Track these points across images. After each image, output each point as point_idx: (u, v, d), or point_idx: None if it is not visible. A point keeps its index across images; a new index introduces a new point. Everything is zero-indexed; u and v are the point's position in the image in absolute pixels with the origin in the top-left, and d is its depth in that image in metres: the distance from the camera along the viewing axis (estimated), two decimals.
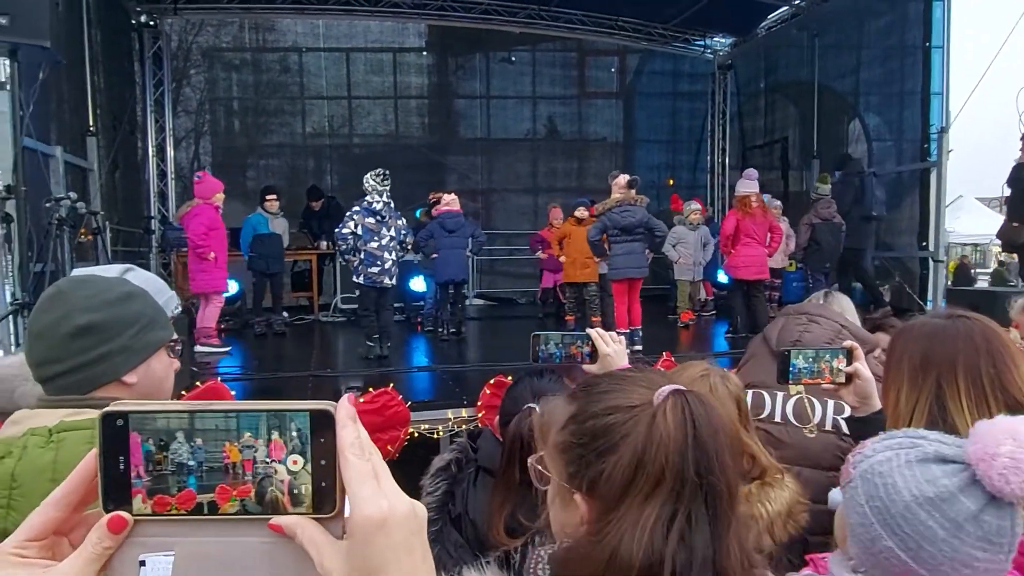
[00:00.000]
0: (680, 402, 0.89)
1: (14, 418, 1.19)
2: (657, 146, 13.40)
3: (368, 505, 0.45)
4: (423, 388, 5.00)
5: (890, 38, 9.44)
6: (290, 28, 11.47)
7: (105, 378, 1.19)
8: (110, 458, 0.46)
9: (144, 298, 1.29)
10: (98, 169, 7.83)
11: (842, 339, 2.49)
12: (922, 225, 9.00)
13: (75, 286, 1.21)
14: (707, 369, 1.64)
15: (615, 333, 2.11)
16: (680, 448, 0.85)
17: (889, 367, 1.60)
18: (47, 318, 1.18)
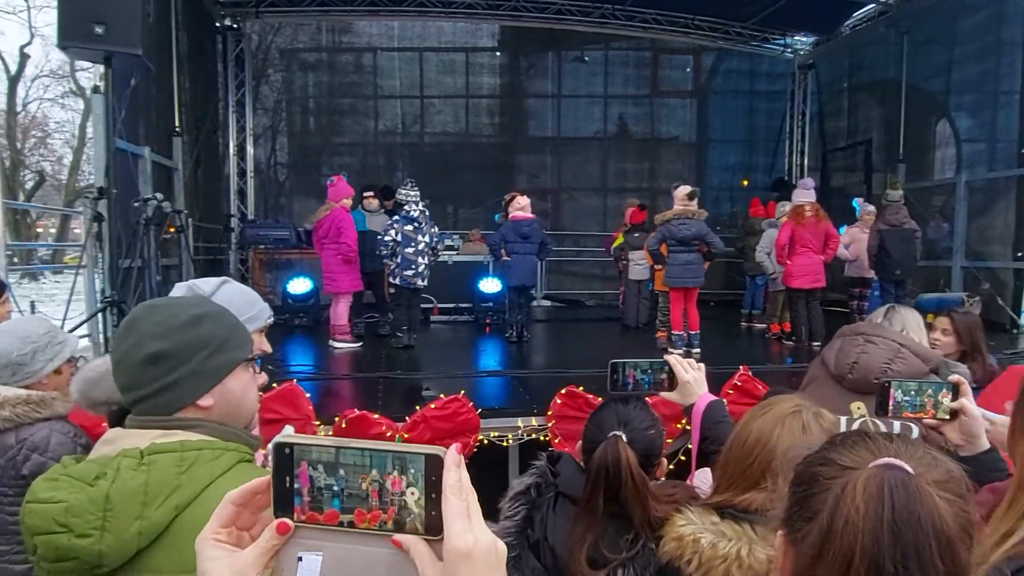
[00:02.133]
0: (880, 478, 0.79)
1: (107, 437, 1.21)
2: (732, 146, 13.03)
3: (458, 538, 0.58)
4: (492, 394, 4.97)
5: (987, 35, 8.89)
6: (365, 30, 11.69)
7: (180, 402, 1.20)
8: (280, 477, 0.61)
9: (218, 319, 1.29)
10: (182, 168, 8.13)
11: (901, 358, 2.49)
12: (1018, 234, 8.47)
13: (147, 313, 1.23)
14: (799, 405, 1.54)
15: (693, 360, 2.03)
16: (873, 531, 0.76)
17: (1021, 415, 1.45)
18: (122, 347, 1.20)
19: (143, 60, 5.13)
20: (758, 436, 1.49)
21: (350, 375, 5.42)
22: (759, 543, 1.39)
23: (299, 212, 11.27)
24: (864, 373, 2.45)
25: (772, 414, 1.52)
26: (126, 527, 1.05)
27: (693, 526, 1.48)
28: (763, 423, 1.51)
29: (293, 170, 11.95)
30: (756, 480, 1.48)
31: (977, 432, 1.67)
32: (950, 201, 9.59)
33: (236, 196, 10.88)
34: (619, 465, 1.69)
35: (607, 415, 1.86)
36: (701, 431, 1.96)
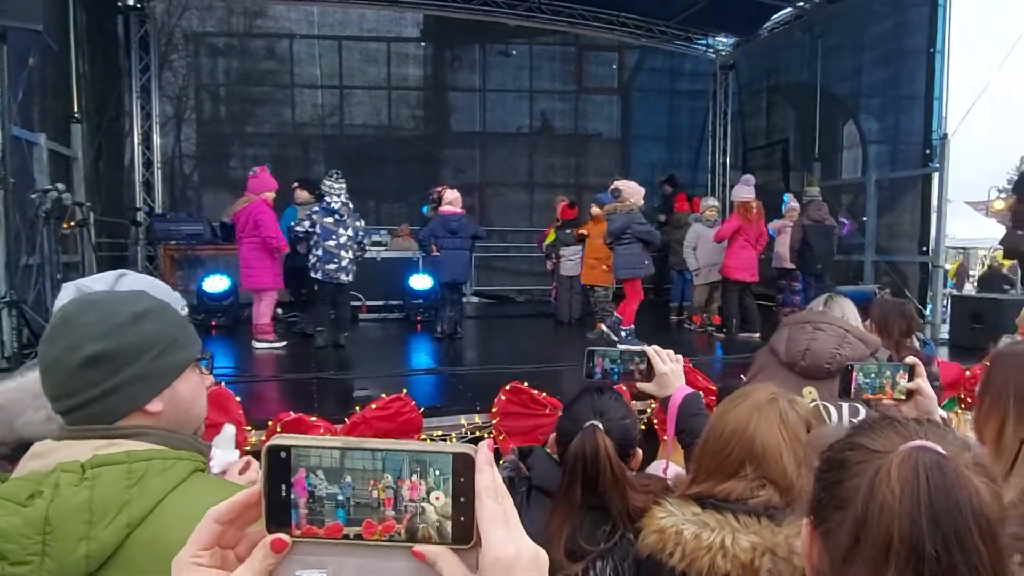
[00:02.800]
0: (915, 460, 0.74)
1: (37, 450, 1.06)
2: (656, 144, 13.27)
3: (499, 547, 0.51)
4: (432, 392, 4.79)
5: (893, 42, 9.38)
6: (282, 14, 11.17)
7: (124, 408, 1.08)
8: (273, 485, 0.52)
9: (161, 315, 1.15)
10: (82, 158, 7.53)
11: (848, 343, 2.63)
12: (923, 230, 8.97)
13: (81, 311, 1.08)
14: (774, 393, 1.53)
15: (672, 352, 1.99)
16: (911, 514, 0.71)
17: (988, 394, 1.51)
18: (53, 351, 1.07)
19: (43, 37, 4.68)
20: (735, 426, 1.47)
21: (279, 376, 5.11)
22: (743, 531, 1.38)
23: (210, 205, 10.69)
24: (815, 359, 2.57)
25: (748, 403, 1.51)
26: (71, 551, 0.93)
27: (674, 518, 1.45)
28: (739, 412, 1.49)
29: (202, 161, 11.28)
30: (735, 469, 1.46)
31: (932, 410, 1.76)
32: (858, 199, 10.09)
33: (142, 188, 10.18)
34: (597, 455, 1.66)
35: (582, 406, 1.80)
36: (677, 423, 1.93)
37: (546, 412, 4.13)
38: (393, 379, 5.01)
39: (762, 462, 1.41)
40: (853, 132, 10.39)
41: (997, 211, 32.29)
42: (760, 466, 1.41)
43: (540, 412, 4.12)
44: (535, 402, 4.11)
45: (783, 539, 1.32)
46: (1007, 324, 5.97)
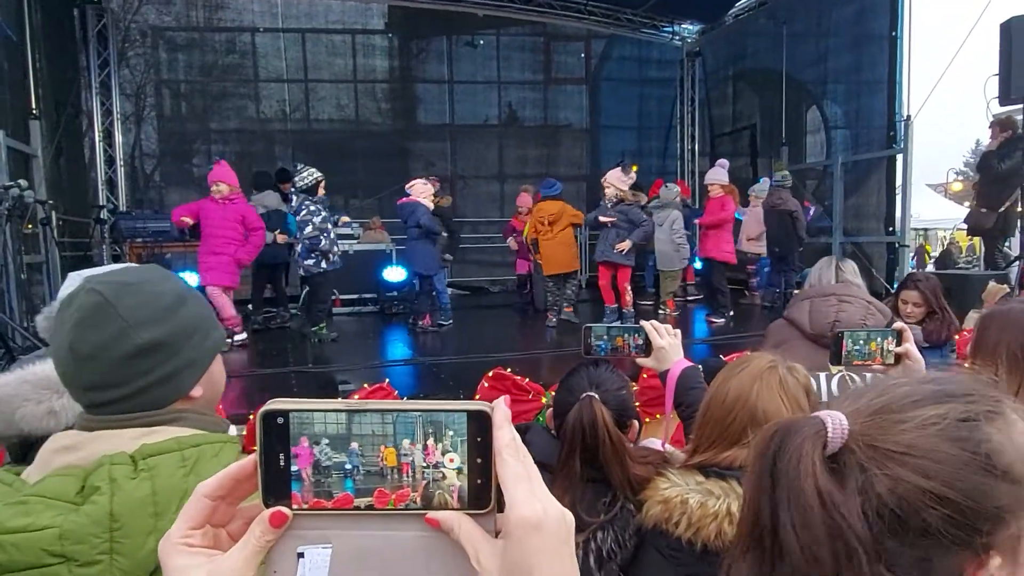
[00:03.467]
0: None
1: (64, 443, 1.00)
2: (625, 132, 13.32)
3: (524, 507, 0.47)
4: (414, 382, 4.78)
5: (856, 27, 9.54)
6: (245, 7, 10.93)
7: (173, 396, 1.04)
8: (271, 455, 0.48)
9: (195, 297, 1.11)
10: (42, 155, 7.31)
11: (871, 313, 2.73)
12: (888, 211, 9.17)
13: (120, 292, 1.00)
14: (773, 361, 1.56)
15: (670, 326, 2.00)
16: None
17: (981, 351, 1.54)
18: (97, 336, 0.98)
19: (2, 27, 4.51)
20: (737, 393, 1.49)
21: (256, 371, 5.03)
22: None
23: (175, 203, 10.35)
24: None
25: (749, 371, 1.53)
26: (140, 546, 0.90)
27: (678, 487, 1.47)
28: (741, 380, 1.51)
29: (164, 159, 11.00)
30: (738, 437, 1.48)
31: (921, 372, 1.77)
32: (824, 183, 10.27)
33: (104, 186, 9.92)
34: (595, 424, 1.67)
35: (578, 378, 1.82)
36: (676, 396, 1.95)
37: (529, 397, 4.14)
38: (374, 371, 5.00)
39: None
40: (817, 116, 10.56)
41: (955, 192, 33.14)
42: None
43: (524, 398, 4.13)
44: (518, 388, 4.11)
45: None
46: (974, 299, 6.14)
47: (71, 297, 1.03)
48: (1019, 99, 6.80)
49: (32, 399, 1.43)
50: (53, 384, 1.45)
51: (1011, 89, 6.66)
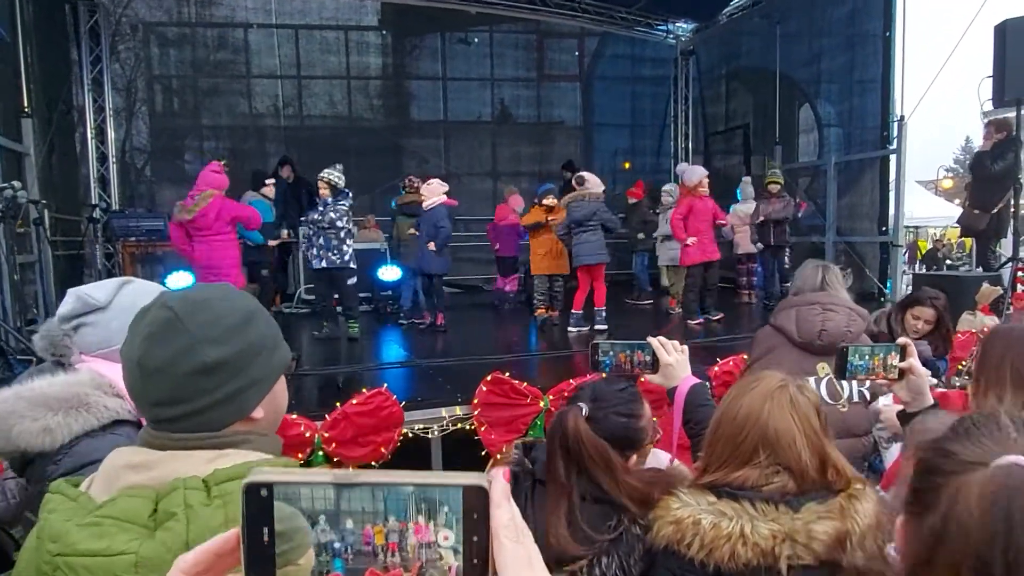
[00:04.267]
0: (1003, 480, 0.70)
1: (134, 461, 0.98)
2: (618, 130, 13.33)
3: None
4: (411, 385, 4.76)
5: (850, 27, 9.57)
6: (239, 3, 10.86)
7: (233, 417, 1.03)
8: (254, 529, 0.45)
9: (261, 314, 1.11)
10: (34, 154, 7.24)
11: (853, 320, 2.90)
12: (882, 210, 9.21)
13: (190, 309, 1.00)
14: (784, 379, 1.55)
15: (676, 343, 2.00)
16: (988, 541, 0.68)
17: (986, 369, 1.55)
18: (166, 352, 0.98)
19: None
20: (748, 412, 1.49)
21: None
22: (761, 519, 1.40)
23: (167, 200, 10.36)
24: (831, 338, 2.82)
25: (760, 390, 1.52)
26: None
27: (690, 508, 1.46)
28: (752, 399, 1.51)
29: (156, 155, 10.91)
30: (749, 456, 1.48)
31: (923, 389, 1.81)
32: (816, 181, 10.32)
33: (97, 183, 9.84)
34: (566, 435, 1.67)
35: (585, 388, 1.84)
36: (684, 414, 1.94)
37: (527, 402, 4.15)
38: (372, 373, 5.01)
39: (776, 448, 1.43)
40: (811, 116, 10.60)
41: (945, 189, 33.33)
42: (774, 452, 1.43)
43: (521, 402, 4.14)
44: (516, 392, 4.12)
45: (801, 525, 1.35)
46: (967, 301, 6.19)
47: (144, 312, 1.04)
48: (1013, 101, 6.85)
49: (28, 416, 1.45)
50: (49, 401, 1.48)
51: (1005, 91, 6.71)
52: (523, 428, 4.16)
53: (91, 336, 1.66)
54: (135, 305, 1.66)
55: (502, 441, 4.08)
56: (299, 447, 3.63)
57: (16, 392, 1.45)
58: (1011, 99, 6.79)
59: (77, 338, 1.69)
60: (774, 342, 3.05)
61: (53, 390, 1.48)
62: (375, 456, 3.82)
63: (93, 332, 1.66)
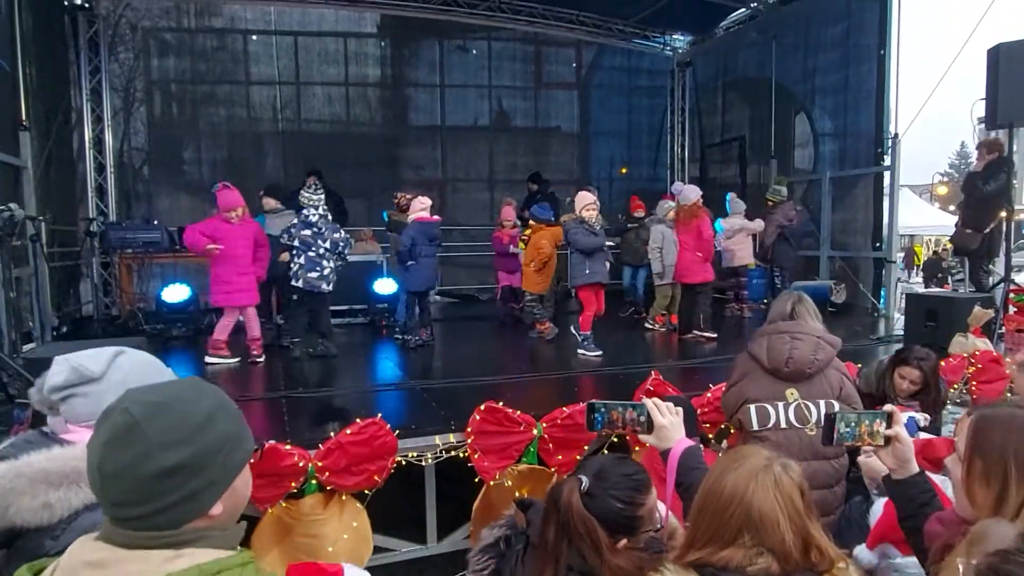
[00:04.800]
0: None
1: (94, 558, 1.03)
2: (615, 140, 13.41)
3: None
4: (405, 410, 4.78)
5: (846, 43, 9.63)
6: (238, 13, 10.91)
7: (193, 515, 1.07)
8: None
9: (225, 410, 1.14)
10: (31, 167, 7.25)
11: (821, 349, 3.06)
12: (875, 226, 9.27)
13: (151, 414, 1.04)
14: (769, 458, 1.56)
15: (671, 404, 2.03)
16: None
17: (980, 458, 1.54)
18: (123, 457, 1.02)
19: None
20: (733, 492, 1.50)
21: (248, 395, 5.02)
22: None
23: (165, 209, 10.45)
24: (797, 365, 3.01)
25: (745, 469, 1.53)
26: None
27: None
28: (737, 478, 1.51)
29: (154, 164, 10.91)
30: (733, 536, 1.49)
31: (908, 457, 1.85)
32: (811, 190, 10.38)
33: (94, 193, 9.85)
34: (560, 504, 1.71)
35: (592, 460, 1.87)
36: (677, 476, 1.96)
37: (520, 429, 4.17)
38: (364, 395, 5.05)
39: (760, 530, 1.44)
40: (806, 130, 10.65)
41: (940, 196, 33.34)
42: (758, 533, 1.44)
43: (515, 430, 4.16)
44: (510, 420, 4.14)
45: None
46: (959, 323, 6.22)
47: (106, 414, 1.07)
48: (1005, 124, 6.90)
49: (27, 493, 1.44)
50: (50, 477, 1.47)
51: (997, 114, 6.76)
52: (516, 455, 4.19)
53: (82, 407, 1.64)
54: (128, 377, 1.69)
55: (495, 468, 4.11)
56: (292, 476, 3.64)
57: (15, 469, 1.44)
58: (1003, 121, 6.84)
59: (66, 408, 1.67)
60: (748, 368, 3.19)
61: (53, 465, 1.47)
62: (368, 484, 3.83)
63: (84, 403, 1.64)
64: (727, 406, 3.27)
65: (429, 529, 4.27)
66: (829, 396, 3.05)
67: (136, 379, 1.71)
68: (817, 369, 3.06)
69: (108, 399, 1.61)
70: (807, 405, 3.00)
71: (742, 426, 3.11)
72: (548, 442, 4.21)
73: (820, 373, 3.07)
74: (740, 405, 3.11)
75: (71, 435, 1.64)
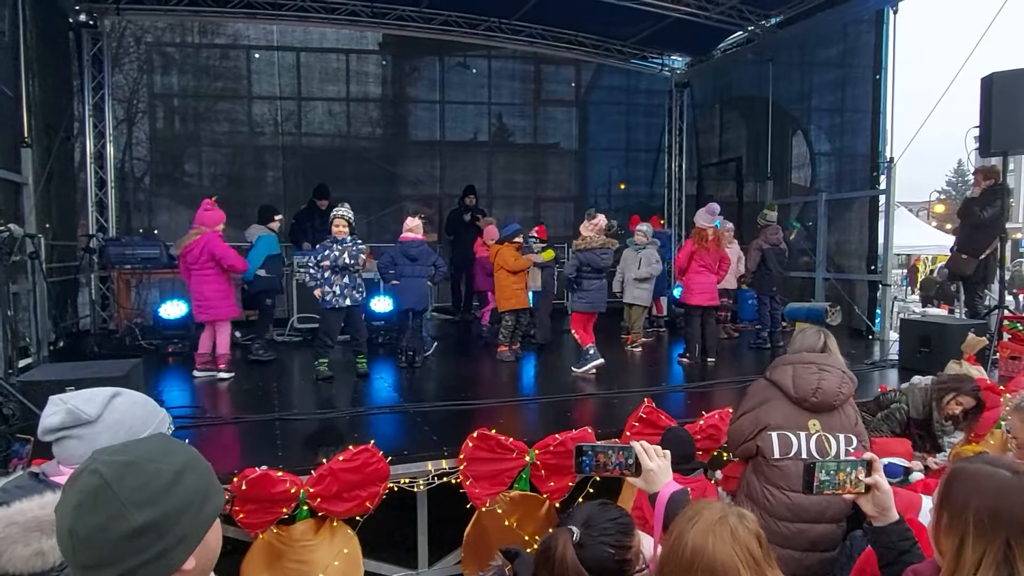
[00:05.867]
0: None
1: None
2: (613, 157, 13.52)
3: None
4: (397, 434, 4.78)
5: (841, 66, 9.71)
6: (241, 32, 11.02)
7: (164, 572, 1.06)
8: None
9: (196, 466, 1.14)
10: (32, 183, 7.29)
11: (846, 383, 3.06)
12: (871, 249, 9.31)
13: (119, 474, 1.04)
14: (723, 511, 1.59)
15: (659, 447, 2.04)
16: None
17: (946, 511, 1.58)
18: (94, 520, 1.01)
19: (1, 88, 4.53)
20: (693, 549, 1.52)
21: (241, 417, 5.03)
22: None
23: (165, 225, 10.53)
24: (825, 397, 3.02)
25: (701, 524, 1.55)
26: None
27: None
28: (695, 535, 1.54)
29: (156, 179, 10.99)
30: None
31: (888, 505, 1.88)
32: (807, 215, 10.43)
33: (95, 208, 9.90)
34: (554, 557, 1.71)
35: (580, 509, 1.87)
36: (664, 520, 1.97)
37: (513, 456, 4.19)
38: (359, 417, 5.07)
39: None
40: (803, 152, 10.73)
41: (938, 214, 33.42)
42: None
43: (507, 456, 4.18)
44: (502, 447, 4.16)
45: None
46: (953, 349, 6.25)
47: (75, 476, 1.06)
48: (999, 151, 6.95)
49: (20, 541, 1.44)
50: (43, 525, 1.46)
51: (991, 143, 6.81)
52: (508, 481, 4.20)
53: (76, 449, 1.67)
54: (123, 420, 1.72)
55: (487, 495, 4.13)
56: (284, 502, 3.66)
57: (7, 517, 1.44)
58: (997, 149, 6.89)
59: (59, 449, 1.70)
60: (768, 395, 3.15)
61: (45, 512, 1.47)
62: (360, 510, 3.85)
63: (78, 445, 1.67)
64: (739, 432, 3.18)
65: (420, 554, 4.27)
66: (848, 430, 3.04)
67: (131, 421, 1.75)
68: (841, 403, 3.07)
69: (103, 441, 1.65)
70: (827, 437, 3.00)
71: (758, 453, 3.05)
72: (540, 469, 4.23)
73: (841, 407, 3.08)
74: (758, 432, 3.07)
75: (62, 477, 1.65)
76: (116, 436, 1.67)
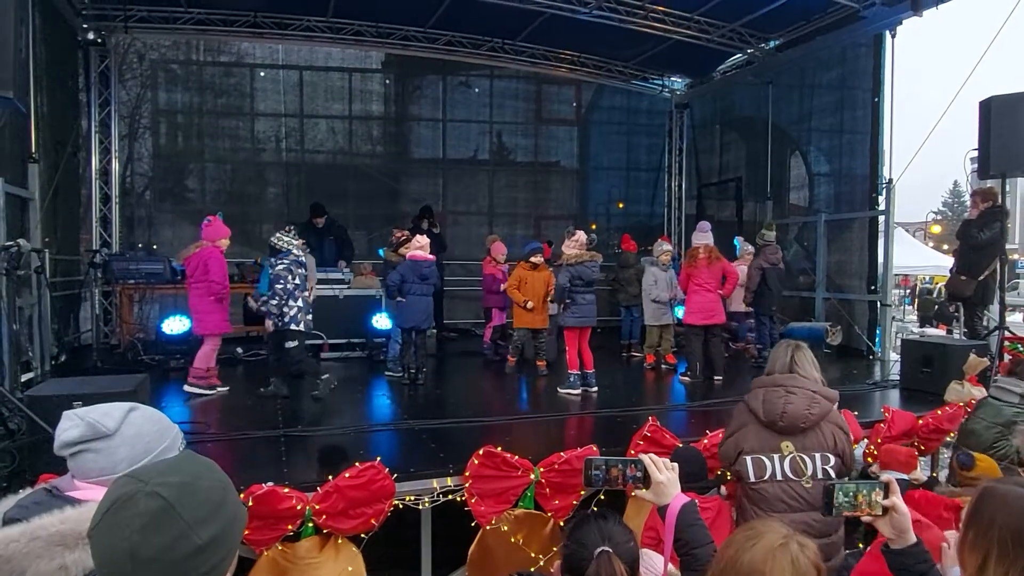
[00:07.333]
0: None
1: None
2: (614, 177, 13.62)
3: None
4: (402, 452, 4.78)
5: (840, 90, 9.82)
6: (247, 51, 11.15)
7: None
8: None
9: (229, 483, 1.18)
10: (38, 198, 7.33)
11: (816, 403, 3.09)
12: (871, 268, 9.35)
13: (179, 495, 1.06)
14: (786, 537, 1.53)
15: (667, 460, 2.06)
16: None
17: (973, 528, 1.58)
18: (159, 541, 1.03)
19: (13, 102, 4.58)
20: (751, 570, 1.48)
21: (246, 434, 5.03)
22: None
23: (168, 240, 10.54)
24: (792, 420, 3.06)
25: (761, 547, 1.51)
26: None
27: None
28: (753, 557, 1.49)
29: (159, 196, 11.04)
30: None
31: (906, 527, 1.85)
32: (806, 235, 10.49)
33: (99, 224, 9.94)
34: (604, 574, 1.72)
35: (589, 532, 1.86)
36: (676, 533, 1.97)
37: (518, 474, 4.19)
38: (363, 435, 5.06)
39: None
40: (802, 173, 10.81)
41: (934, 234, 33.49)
42: None
43: (512, 474, 4.18)
44: (508, 465, 4.16)
45: None
46: (955, 370, 6.27)
47: (128, 500, 1.06)
48: (998, 173, 7.02)
49: (43, 556, 1.43)
50: (65, 539, 1.45)
51: (990, 165, 6.88)
52: (513, 499, 4.20)
53: (94, 463, 1.66)
54: (140, 434, 1.73)
55: (492, 512, 4.12)
56: (290, 519, 3.65)
57: (29, 532, 1.43)
58: (996, 172, 6.96)
59: (75, 464, 1.68)
60: (745, 419, 3.24)
61: (67, 527, 1.46)
62: (364, 527, 3.84)
63: (96, 459, 1.65)
64: (725, 455, 3.31)
65: (424, 573, 4.26)
66: (825, 449, 3.09)
67: (148, 435, 1.75)
68: (811, 424, 3.10)
69: (120, 455, 1.65)
70: (802, 458, 3.05)
71: (740, 477, 3.15)
72: (545, 487, 4.23)
73: (815, 427, 3.11)
74: (737, 456, 3.16)
75: (78, 492, 1.64)
76: (134, 450, 1.67)
